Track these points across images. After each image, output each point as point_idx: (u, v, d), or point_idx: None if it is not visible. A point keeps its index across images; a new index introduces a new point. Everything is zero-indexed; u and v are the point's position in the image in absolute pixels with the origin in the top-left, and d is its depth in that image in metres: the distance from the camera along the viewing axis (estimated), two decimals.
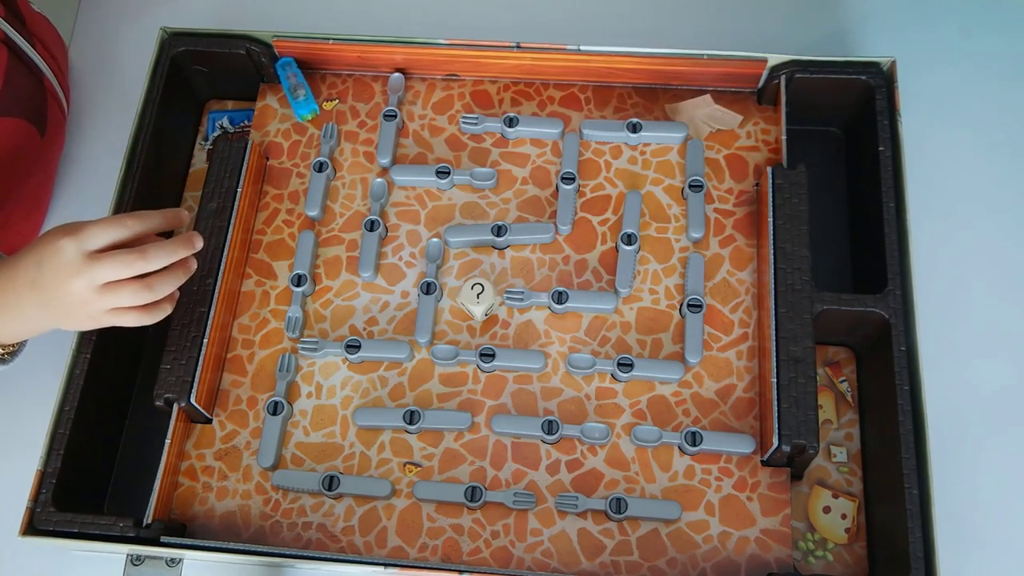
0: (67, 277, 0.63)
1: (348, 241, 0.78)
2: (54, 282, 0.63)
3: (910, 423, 0.66)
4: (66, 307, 0.64)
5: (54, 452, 0.68)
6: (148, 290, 0.65)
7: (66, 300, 0.64)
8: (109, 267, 0.63)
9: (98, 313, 0.65)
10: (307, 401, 0.73)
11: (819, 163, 0.79)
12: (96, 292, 0.64)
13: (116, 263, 0.63)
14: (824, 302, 0.70)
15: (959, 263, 0.79)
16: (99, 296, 0.64)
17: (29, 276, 0.64)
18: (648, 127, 0.79)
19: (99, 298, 0.64)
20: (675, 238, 0.77)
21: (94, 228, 0.64)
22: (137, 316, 0.67)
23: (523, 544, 0.68)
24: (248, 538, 0.69)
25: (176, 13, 0.92)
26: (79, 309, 0.64)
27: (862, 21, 0.89)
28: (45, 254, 0.63)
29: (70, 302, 0.64)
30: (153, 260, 0.65)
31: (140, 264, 0.64)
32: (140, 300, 0.65)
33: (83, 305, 0.64)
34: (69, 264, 0.63)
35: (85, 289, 0.63)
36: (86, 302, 0.64)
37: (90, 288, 0.63)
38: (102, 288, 0.64)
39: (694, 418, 0.71)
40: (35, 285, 0.64)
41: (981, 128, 0.84)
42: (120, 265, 0.64)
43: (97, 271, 0.63)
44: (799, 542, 0.70)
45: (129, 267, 0.64)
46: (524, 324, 0.75)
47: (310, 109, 0.82)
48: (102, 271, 0.63)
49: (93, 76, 0.91)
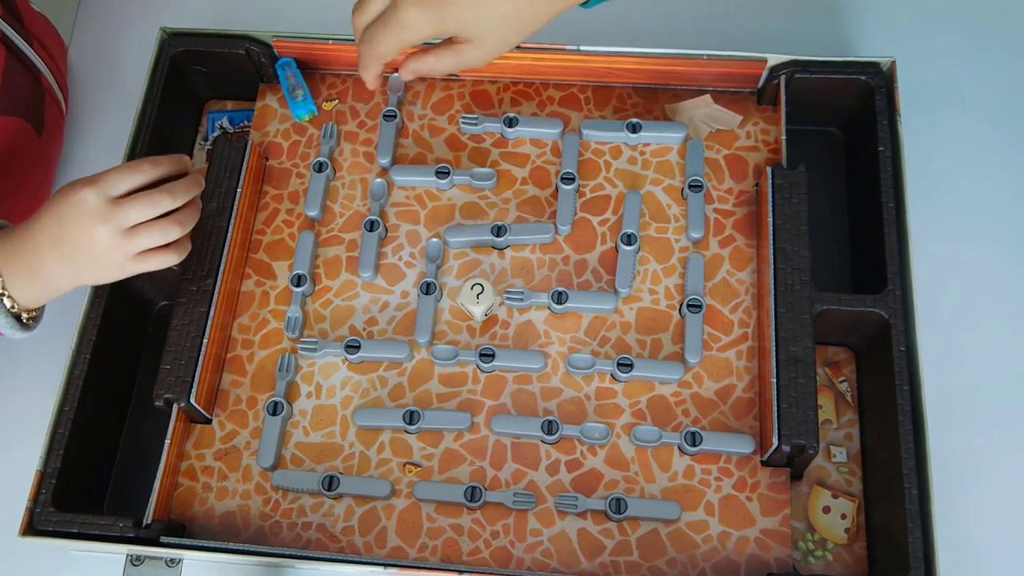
0: (92, 225, 0.63)
1: (348, 241, 0.78)
2: (78, 233, 0.64)
3: (910, 423, 0.66)
4: (92, 258, 0.65)
5: (54, 452, 0.68)
6: (177, 225, 0.66)
7: (92, 250, 0.64)
8: (135, 208, 0.64)
9: (124, 260, 0.66)
10: (307, 401, 0.73)
11: (819, 163, 0.79)
12: (123, 236, 0.64)
13: (143, 203, 0.64)
14: (824, 302, 0.70)
15: (959, 263, 0.79)
16: (126, 240, 0.64)
17: (51, 233, 0.64)
18: (648, 127, 0.79)
19: (126, 243, 0.65)
20: (675, 238, 0.77)
21: (113, 174, 0.65)
22: (164, 256, 0.67)
23: (523, 544, 0.68)
24: (248, 538, 0.69)
25: (176, 13, 0.92)
26: (106, 258, 0.65)
27: (862, 21, 0.89)
28: (66, 207, 0.64)
29: (96, 251, 0.64)
30: (179, 195, 0.66)
31: (167, 202, 0.65)
32: (170, 236, 0.66)
33: (110, 253, 0.64)
34: (93, 212, 0.63)
35: (111, 235, 0.64)
36: (113, 249, 0.64)
37: (117, 233, 0.64)
38: (128, 232, 0.64)
39: (694, 418, 0.71)
40: (58, 241, 0.64)
41: (981, 128, 0.84)
42: (147, 205, 0.65)
43: (123, 214, 0.64)
44: (799, 542, 0.70)
45: (156, 206, 0.65)
46: (524, 324, 0.75)
47: (308, 110, 0.82)
48: (129, 213, 0.64)
49: (93, 76, 0.91)
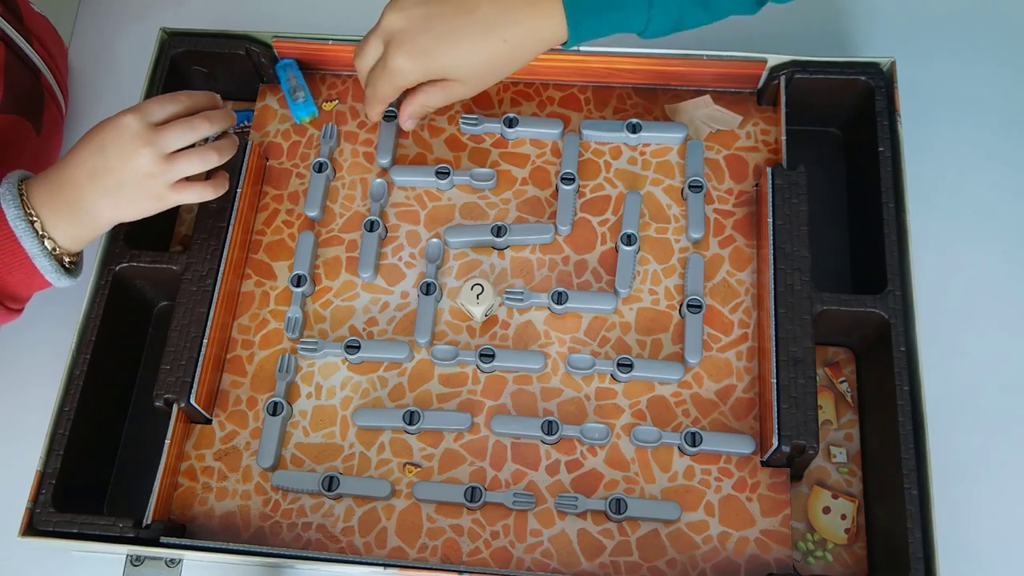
0: (135, 149, 0.65)
1: (348, 241, 0.78)
2: (120, 160, 0.65)
3: (910, 423, 0.66)
4: (132, 185, 0.66)
5: (54, 452, 0.68)
6: (215, 152, 0.68)
7: (133, 176, 0.65)
8: (176, 132, 0.66)
9: (163, 188, 0.67)
10: (307, 401, 0.73)
11: (819, 163, 0.79)
12: (164, 162, 0.65)
13: (183, 128, 0.66)
14: (824, 302, 0.70)
15: (959, 263, 0.79)
16: (167, 166, 0.66)
17: (90, 165, 0.65)
18: (648, 127, 0.79)
19: (167, 169, 0.66)
20: (675, 238, 0.77)
21: (152, 102, 0.67)
22: (202, 189, 0.69)
23: (523, 544, 0.68)
24: (248, 539, 0.69)
25: (176, 13, 0.92)
26: (146, 186, 0.66)
27: (862, 21, 0.89)
28: (108, 135, 0.65)
29: (137, 178, 0.65)
30: (216, 123, 0.68)
31: (205, 127, 0.67)
32: (209, 164, 0.68)
33: (150, 180, 0.66)
34: (135, 136, 0.65)
35: (153, 160, 0.65)
36: (153, 175, 0.66)
37: (158, 158, 0.65)
38: (169, 157, 0.66)
39: (694, 418, 0.71)
40: (97, 172, 0.65)
41: (981, 128, 0.84)
42: (187, 129, 0.66)
43: (165, 138, 0.65)
44: (799, 542, 0.70)
45: (195, 131, 0.67)
46: (524, 324, 0.75)
47: (308, 112, 0.82)
48: (170, 138, 0.66)
49: (93, 76, 0.91)
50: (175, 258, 0.74)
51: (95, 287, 0.73)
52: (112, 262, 0.74)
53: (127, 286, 0.76)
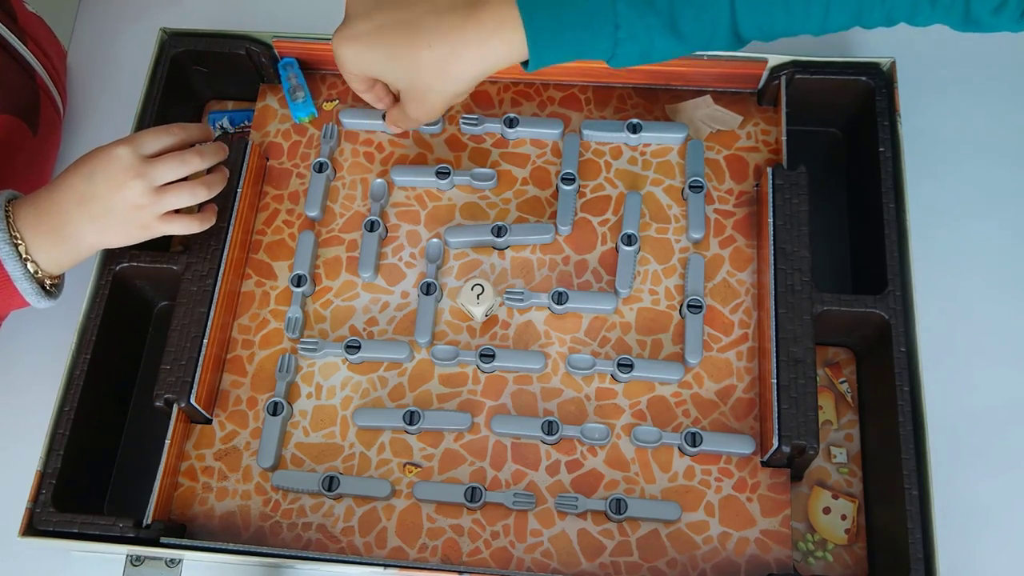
0: (124, 181, 0.65)
1: (348, 241, 0.78)
2: (109, 189, 0.65)
3: (910, 424, 0.66)
4: (119, 215, 0.66)
5: (54, 452, 0.68)
6: (205, 187, 0.69)
7: (120, 206, 0.65)
8: (167, 166, 0.66)
9: (151, 220, 0.67)
10: (307, 401, 0.73)
11: (819, 164, 0.79)
12: (152, 194, 0.66)
13: (174, 162, 0.66)
14: (824, 303, 0.70)
15: (959, 263, 0.79)
16: (155, 199, 0.66)
17: (78, 192, 0.65)
18: (648, 128, 0.79)
19: (155, 201, 0.66)
20: (675, 239, 0.77)
21: (145, 134, 0.67)
22: (188, 222, 0.69)
23: (523, 545, 0.68)
24: (248, 539, 0.69)
25: (176, 13, 0.92)
26: (133, 216, 0.66)
27: None
28: (98, 164, 0.65)
29: (124, 208, 0.65)
30: (208, 157, 0.69)
31: (196, 162, 0.68)
32: (199, 198, 0.68)
33: (138, 211, 0.66)
34: (127, 167, 0.65)
35: (142, 193, 0.65)
36: (141, 207, 0.66)
37: (147, 190, 0.65)
38: (158, 190, 0.66)
39: (694, 419, 0.71)
40: (85, 199, 0.65)
41: (981, 128, 0.84)
42: (178, 163, 0.66)
43: (155, 171, 0.66)
44: (799, 543, 0.70)
45: (186, 165, 0.67)
46: (524, 324, 0.75)
47: (308, 112, 0.82)
48: (160, 171, 0.66)
49: (92, 77, 0.91)
50: (175, 258, 0.74)
51: (95, 287, 0.73)
52: (112, 262, 0.74)
53: (127, 286, 0.75)
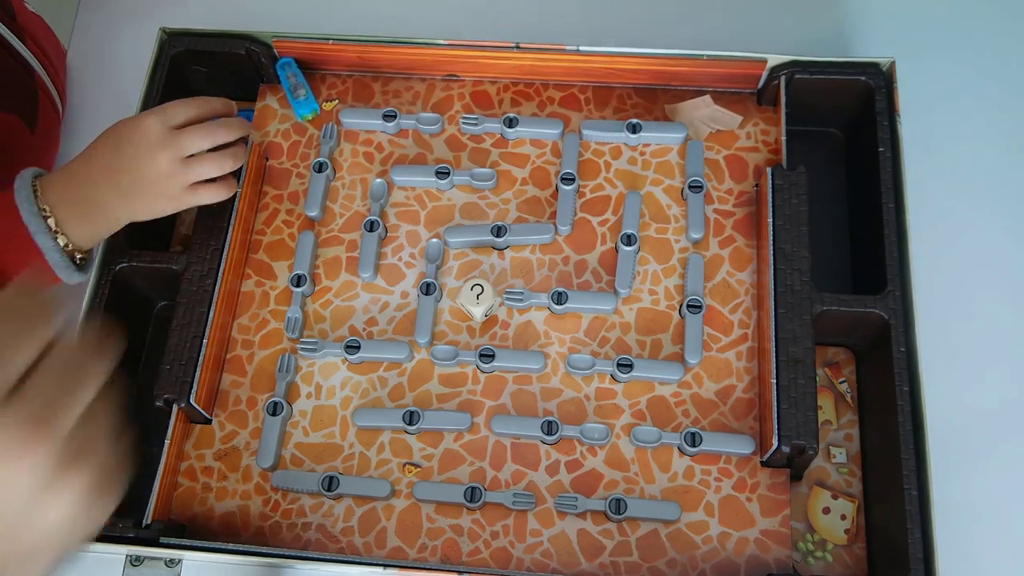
0: (153, 150, 0.66)
1: (348, 241, 0.78)
2: (138, 160, 0.66)
3: (909, 424, 0.66)
4: (148, 185, 0.67)
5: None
6: (231, 158, 0.70)
7: (149, 177, 0.66)
8: (195, 136, 0.67)
9: (178, 190, 0.68)
10: (307, 401, 0.73)
11: (819, 164, 0.79)
12: (180, 164, 0.67)
13: (202, 133, 0.68)
14: (824, 303, 0.70)
15: (959, 263, 0.79)
16: (183, 169, 0.67)
17: (107, 163, 0.66)
18: (648, 128, 0.79)
19: (183, 171, 0.67)
20: (675, 239, 0.77)
21: (174, 106, 0.68)
22: (216, 190, 0.70)
23: (522, 545, 0.68)
24: (247, 539, 0.69)
25: (176, 13, 0.92)
26: (162, 187, 0.67)
27: (862, 21, 0.89)
28: (126, 136, 0.66)
29: (153, 178, 0.66)
30: (233, 130, 0.70)
31: (223, 133, 0.69)
32: (225, 168, 0.69)
33: (167, 180, 0.67)
34: (155, 137, 0.66)
35: (171, 162, 0.66)
36: (170, 176, 0.67)
37: (175, 160, 0.66)
38: (186, 161, 0.67)
39: (694, 419, 0.71)
40: (114, 170, 0.66)
41: (981, 128, 0.84)
42: (206, 134, 0.68)
43: (183, 141, 0.67)
44: (798, 543, 0.70)
45: (213, 136, 0.68)
46: (524, 325, 0.75)
47: (310, 109, 0.82)
48: (188, 141, 0.67)
49: (93, 76, 0.91)
50: (175, 258, 0.74)
51: (95, 287, 0.73)
52: (112, 262, 0.74)
53: (127, 286, 0.75)
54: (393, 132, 0.81)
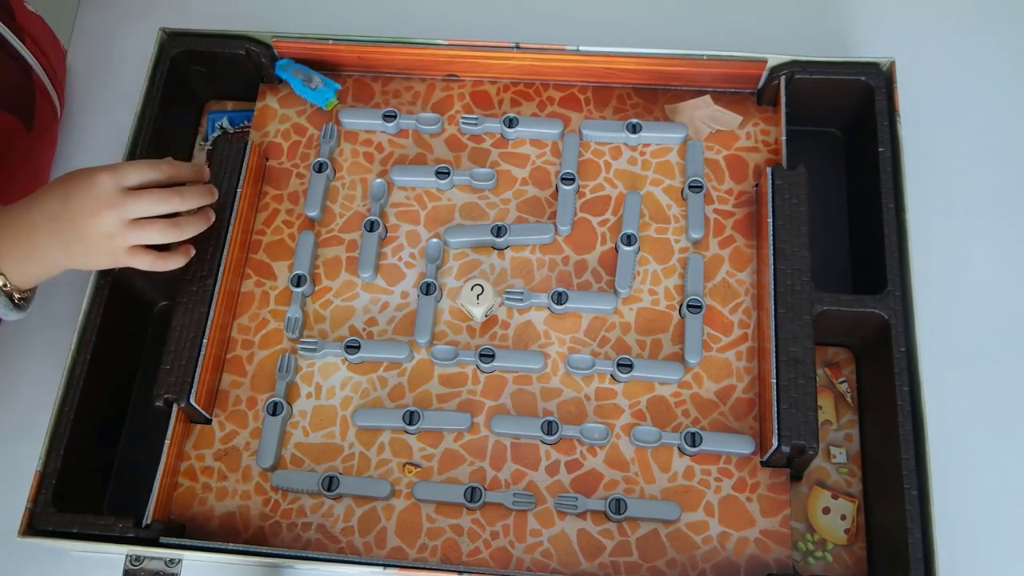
0: (98, 209, 0.64)
1: (348, 241, 0.78)
2: (82, 214, 0.64)
3: (909, 424, 0.66)
4: (88, 241, 0.65)
5: (54, 452, 0.68)
6: (176, 228, 0.68)
7: (91, 233, 0.65)
8: (144, 202, 0.65)
9: (119, 250, 0.66)
10: (306, 402, 0.73)
11: (819, 164, 0.79)
12: (124, 227, 0.65)
13: (152, 199, 0.66)
14: (824, 303, 0.70)
15: (959, 263, 0.79)
16: (126, 231, 0.65)
17: (50, 211, 0.65)
18: (648, 128, 0.79)
19: (126, 233, 0.65)
20: (675, 239, 0.77)
21: (132, 166, 0.66)
22: (154, 259, 0.68)
23: (522, 545, 0.68)
24: (247, 539, 0.69)
25: (176, 13, 0.92)
26: (102, 244, 0.65)
27: (862, 21, 0.89)
28: (75, 187, 0.65)
29: (94, 236, 0.65)
30: (188, 200, 0.68)
31: (176, 202, 0.67)
32: (168, 238, 0.67)
33: (108, 240, 0.65)
34: (103, 196, 0.64)
35: (115, 223, 0.65)
36: (112, 237, 0.65)
37: (120, 222, 0.65)
38: (131, 223, 0.65)
39: (694, 419, 0.71)
40: (57, 219, 0.65)
41: (981, 128, 0.84)
42: (156, 201, 0.66)
43: (131, 205, 0.65)
44: (798, 543, 0.70)
45: (165, 203, 0.66)
46: (524, 325, 0.75)
47: (333, 90, 0.81)
48: (136, 206, 0.65)
49: (92, 77, 0.91)
50: None
51: (95, 287, 0.73)
52: None
53: (127, 286, 0.75)
54: (393, 132, 0.81)
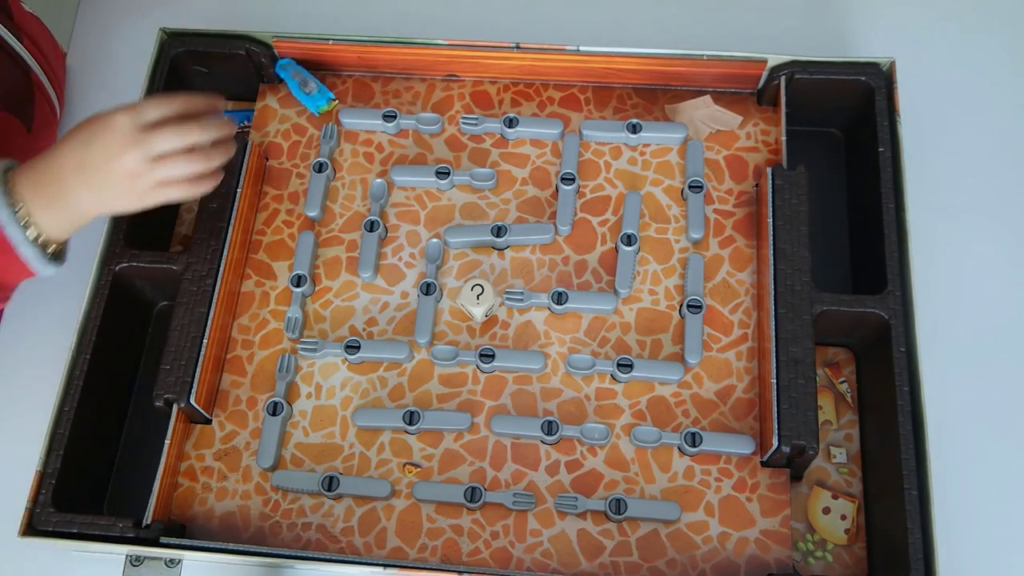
0: (121, 149, 0.65)
1: (348, 241, 0.78)
2: (105, 157, 0.65)
3: (909, 424, 0.66)
4: (115, 183, 0.65)
5: (54, 452, 0.68)
6: (202, 159, 0.68)
7: (116, 174, 0.65)
8: (164, 137, 0.66)
9: (146, 188, 0.66)
10: (307, 402, 0.73)
11: (819, 164, 0.79)
12: (149, 163, 0.65)
13: (173, 133, 0.66)
14: (824, 303, 0.70)
15: (959, 263, 0.79)
16: (151, 168, 0.66)
17: (75, 158, 0.65)
18: (648, 128, 0.79)
19: (151, 170, 0.66)
20: (675, 239, 0.77)
21: (148, 103, 0.66)
22: (185, 188, 0.68)
23: (523, 545, 0.68)
24: (247, 539, 0.69)
25: (176, 13, 0.92)
26: (129, 185, 0.66)
27: (862, 21, 0.89)
28: (96, 131, 0.65)
29: (120, 176, 0.65)
30: (209, 130, 0.68)
31: (197, 134, 0.67)
32: (194, 170, 0.67)
33: (134, 179, 0.65)
34: (124, 136, 0.65)
35: (138, 161, 0.65)
36: (138, 175, 0.65)
37: (144, 159, 0.65)
38: (155, 160, 0.66)
39: (694, 419, 0.71)
40: (82, 166, 0.65)
41: (981, 128, 0.84)
42: (176, 134, 0.66)
43: (153, 141, 0.65)
44: (799, 543, 0.70)
45: (186, 136, 0.66)
46: (524, 325, 0.75)
47: (326, 99, 0.81)
48: (158, 141, 0.65)
49: (92, 77, 0.91)
50: (175, 258, 0.74)
51: (95, 287, 0.73)
52: (112, 262, 0.74)
53: (127, 286, 0.76)
54: (393, 132, 0.82)
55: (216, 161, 0.69)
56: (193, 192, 0.69)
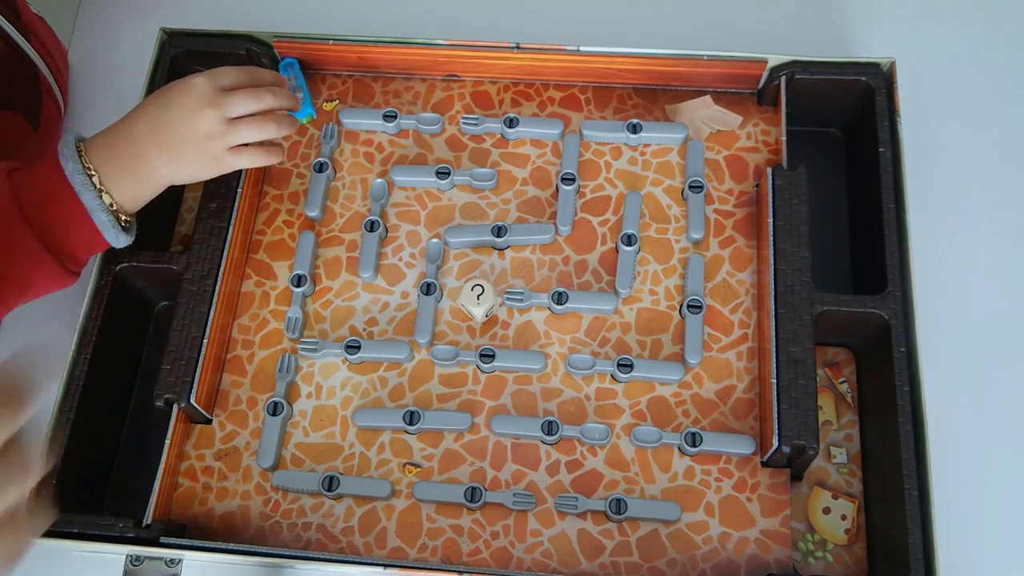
0: (199, 108, 0.66)
1: (348, 241, 0.78)
2: (183, 117, 0.66)
3: (910, 424, 0.66)
4: (191, 144, 0.67)
5: (54, 452, 0.68)
6: (276, 123, 0.70)
7: (193, 135, 0.67)
8: (241, 99, 0.68)
9: (221, 151, 0.68)
10: (307, 402, 0.73)
11: (819, 164, 0.79)
12: (224, 125, 0.67)
13: (249, 96, 0.68)
14: (824, 303, 0.70)
15: (959, 263, 0.79)
16: (227, 130, 0.67)
17: (151, 121, 0.67)
18: (648, 128, 0.79)
19: (226, 132, 0.67)
20: (675, 239, 0.77)
21: (224, 70, 0.70)
22: (258, 155, 0.70)
23: (523, 545, 0.68)
24: (248, 539, 0.69)
25: (176, 13, 0.92)
26: (204, 146, 0.67)
27: (862, 21, 0.89)
28: (173, 94, 0.67)
29: (198, 136, 0.67)
30: (280, 97, 0.70)
31: (269, 99, 0.69)
32: (267, 134, 0.69)
33: (210, 140, 0.67)
34: (202, 96, 0.66)
35: (216, 121, 0.67)
36: (214, 136, 0.67)
37: (221, 120, 0.67)
38: (231, 122, 0.67)
39: (694, 419, 0.71)
40: (159, 127, 0.66)
41: (981, 128, 0.84)
42: (253, 98, 0.68)
43: (230, 103, 0.67)
44: (799, 543, 0.70)
45: (260, 100, 0.68)
46: (524, 325, 0.75)
47: (306, 113, 0.82)
48: (234, 103, 0.67)
49: (93, 76, 0.91)
50: (175, 258, 0.74)
51: (95, 287, 0.73)
52: (112, 262, 0.74)
53: (127, 286, 0.75)
54: (393, 132, 0.82)
55: (286, 129, 0.71)
56: (264, 160, 0.71)
